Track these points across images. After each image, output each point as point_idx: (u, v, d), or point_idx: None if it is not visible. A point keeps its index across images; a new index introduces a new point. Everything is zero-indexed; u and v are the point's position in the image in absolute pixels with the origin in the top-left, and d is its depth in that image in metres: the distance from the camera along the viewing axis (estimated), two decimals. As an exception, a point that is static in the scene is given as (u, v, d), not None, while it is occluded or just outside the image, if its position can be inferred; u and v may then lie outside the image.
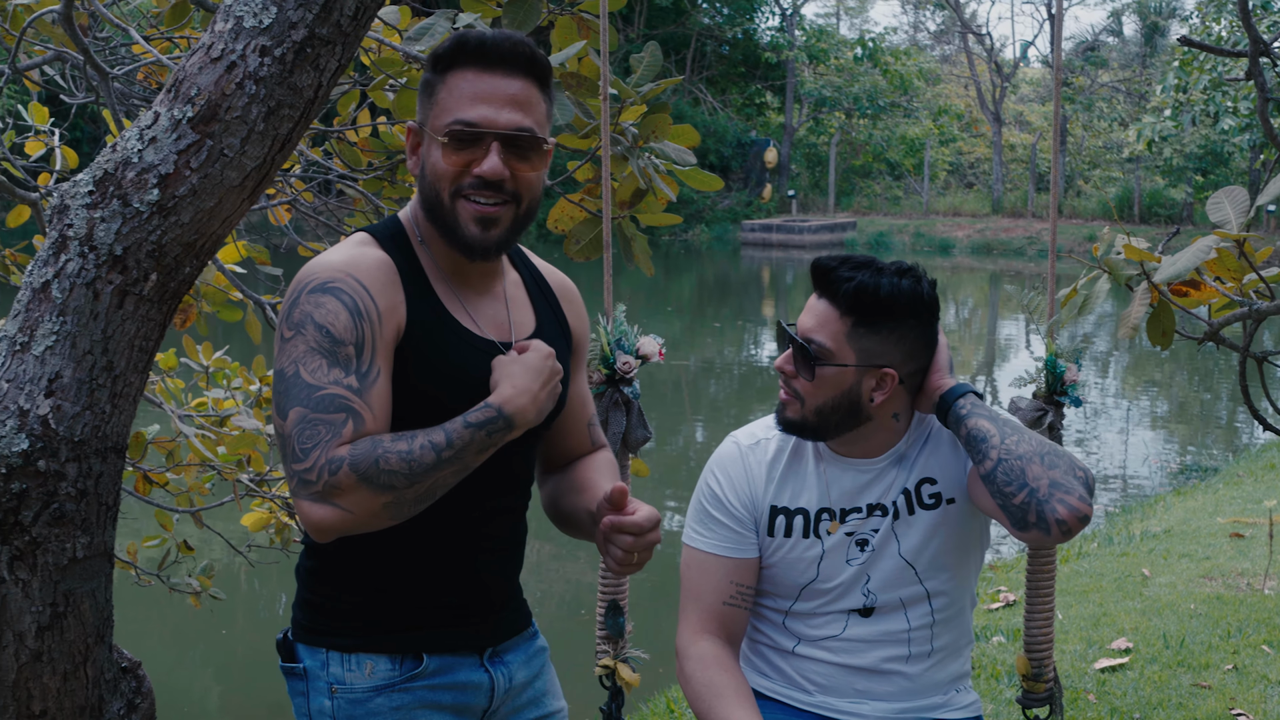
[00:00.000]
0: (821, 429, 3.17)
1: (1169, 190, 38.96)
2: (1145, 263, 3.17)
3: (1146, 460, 13.69)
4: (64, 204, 2.46)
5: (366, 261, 2.53)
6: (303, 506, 2.38)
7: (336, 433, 2.38)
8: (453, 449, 2.41)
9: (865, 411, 3.15)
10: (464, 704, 2.71)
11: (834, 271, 3.10)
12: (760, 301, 29.91)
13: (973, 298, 30.50)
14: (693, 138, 3.90)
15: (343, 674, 2.63)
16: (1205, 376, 19.90)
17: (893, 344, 3.12)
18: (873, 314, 3.08)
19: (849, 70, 46.66)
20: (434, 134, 2.54)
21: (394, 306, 2.51)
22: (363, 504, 2.37)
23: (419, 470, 2.39)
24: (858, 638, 3.27)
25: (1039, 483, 2.94)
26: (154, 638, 8.21)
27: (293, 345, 2.44)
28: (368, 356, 2.44)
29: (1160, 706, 5.70)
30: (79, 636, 2.55)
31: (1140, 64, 46.77)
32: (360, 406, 2.41)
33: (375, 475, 2.36)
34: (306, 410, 2.39)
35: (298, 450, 2.38)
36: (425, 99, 2.58)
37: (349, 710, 2.62)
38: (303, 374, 2.41)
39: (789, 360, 3.14)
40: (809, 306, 3.16)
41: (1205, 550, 8.56)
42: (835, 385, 3.11)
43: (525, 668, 2.83)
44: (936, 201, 44.13)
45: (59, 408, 2.43)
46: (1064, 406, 3.54)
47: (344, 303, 2.45)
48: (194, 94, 2.44)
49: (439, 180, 2.55)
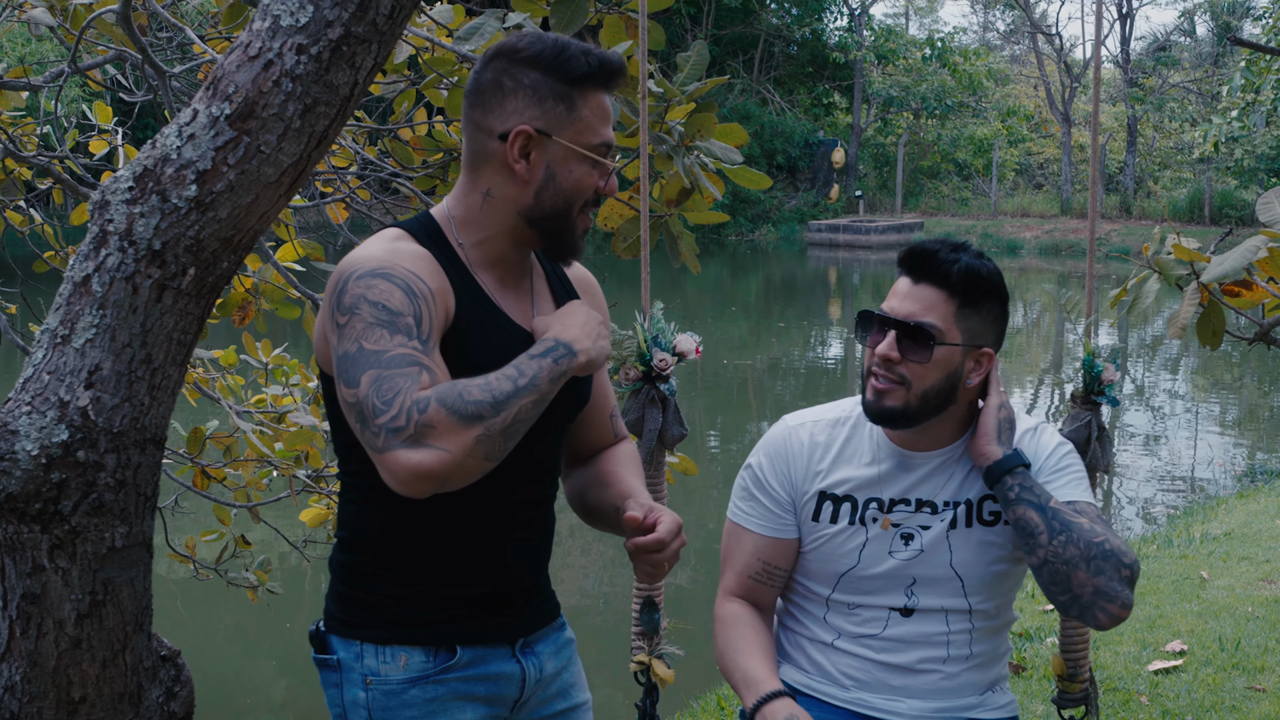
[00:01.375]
0: (920, 414, 3.19)
1: (1240, 191, 38.55)
2: (1195, 263, 3.16)
3: (1211, 463, 13.57)
4: (105, 199, 2.51)
5: (408, 252, 2.54)
6: (397, 458, 2.32)
7: (415, 381, 2.36)
8: (525, 377, 2.42)
9: (956, 395, 3.21)
10: (496, 694, 2.73)
11: (937, 255, 3.17)
12: (827, 302, 29.83)
13: (1040, 299, 30.30)
14: (740, 136, 3.90)
15: (377, 666, 2.65)
16: (1275, 379, 19.70)
17: (990, 323, 3.22)
18: (976, 294, 3.17)
19: (917, 70, 46.45)
20: (580, 150, 2.58)
21: (443, 290, 2.53)
22: (457, 439, 2.32)
23: (501, 398, 2.37)
24: (897, 637, 3.28)
25: (1083, 590, 3.05)
26: (214, 633, 8.29)
27: (350, 327, 2.42)
28: (426, 328, 2.44)
29: (1213, 709, 5.67)
30: (118, 624, 2.59)
31: (1212, 64, 46.30)
32: (429, 363, 2.41)
33: (461, 405, 2.33)
34: (379, 370, 2.37)
35: (378, 404, 2.34)
36: (561, 109, 2.56)
37: (384, 701, 2.64)
38: (366, 346, 2.39)
39: (894, 346, 3.15)
40: (905, 293, 3.20)
41: (1265, 553, 8.49)
42: (944, 367, 3.16)
43: (555, 658, 2.86)
44: (1004, 202, 43.87)
45: (98, 399, 2.47)
46: (1101, 406, 3.52)
47: (395, 283, 2.45)
48: (232, 91, 2.48)
49: (577, 194, 2.60)
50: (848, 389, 18.58)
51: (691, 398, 15.97)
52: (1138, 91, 42.95)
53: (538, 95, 2.56)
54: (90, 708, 2.61)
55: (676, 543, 2.63)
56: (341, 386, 2.42)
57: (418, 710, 2.65)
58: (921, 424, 3.22)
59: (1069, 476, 3.26)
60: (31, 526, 2.48)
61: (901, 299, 3.19)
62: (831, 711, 3.31)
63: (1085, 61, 47.15)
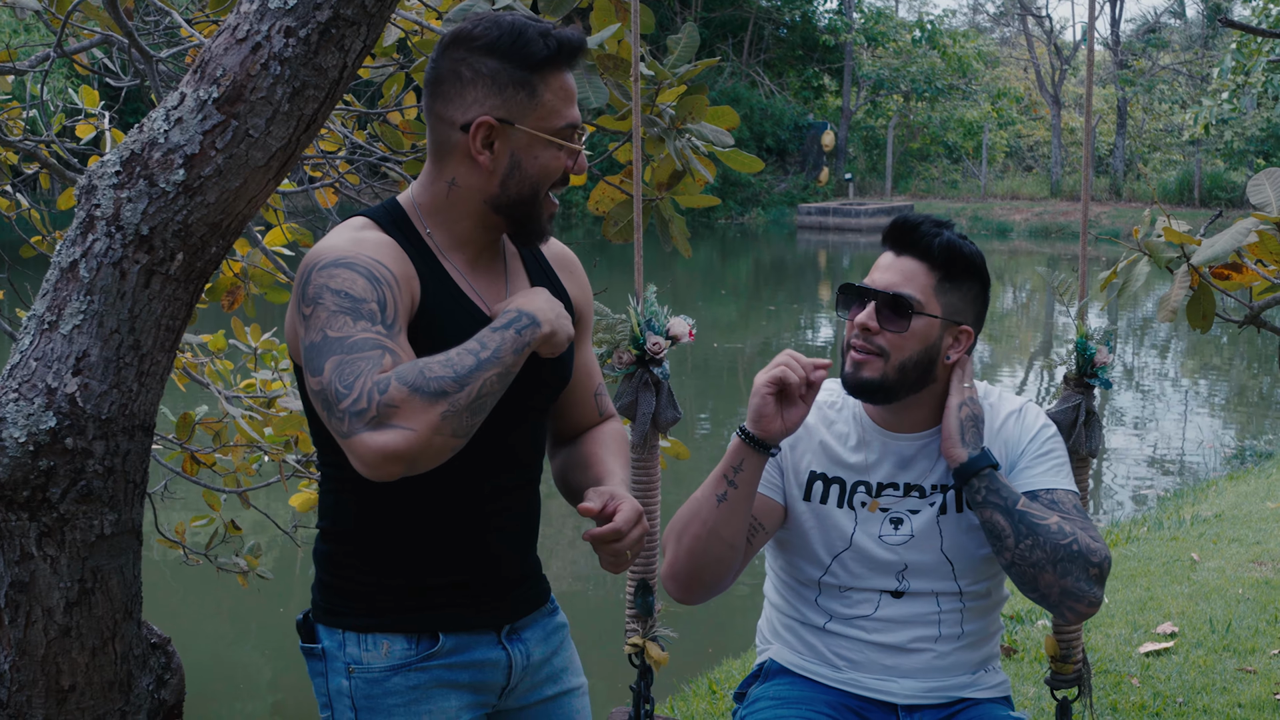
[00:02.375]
0: (897, 388, 3.20)
1: (1229, 173, 38.57)
2: (1185, 245, 3.16)
3: (1201, 444, 13.59)
4: (92, 184, 2.49)
5: (372, 240, 2.53)
6: (363, 441, 2.29)
7: (376, 364, 2.34)
8: (487, 350, 2.40)
9: (935, 371, 3.23)
10: (482, 682, 2.73)
11: (919, 228, 3.21)
12: (816, 285, 29.82)
13: (1030, 281, 30.31)
14: (732, 119, 3.89)
15: (360, 654, 2.65)
16: (1265, 361, 19.72)
17: (969, 301, 3.25)
18: (956, 268, 3.21)
19: (907, 53, 46.44)
20: (544, 135, 2.56)
21: (408, 277, 2.52)
22: (421, 417, 2.30)
23: (464, 372, 2.35)
24: (888, 617, 3.29)
25: (1050, 590, 3.13)
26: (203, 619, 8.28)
27: (314, 317, 2.41)
28: (391, 313, 2.43)
29: (1204, 691, 5.67)
30: (107, 612, 2.58)
31: (1202, 46, 46.31)
32: (393, 346, 2.39)
33: (423, 383, 2.31)
34: (341, 355, 2.36)
35: (340, 388, 2.33)
36: (522, 96, 2.55)
37: (366, 689, 2.64)
38: (330, 334, 2.38)
39: (873, 315, 3.17)
40: (887, 265, 3.24)
41: (1256, 535, 8.50)
42: (922, 338, 3.18)
43: (543, 644, 2.85)
44: (994, 185, 43.85)
45: (86, 386, 2.46)
46: (1094, 389, 3.52)
47: (358, 271, 2.44)
48: (219, 75, 2.46)
49: (544, 179, 2.60)
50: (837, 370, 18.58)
51: (681, 381, 15.97)
52: (1128, 74, 42.96)
53: (497, 84, 2.54)
54: (80, 696, 2.59)
55: (635, 531, 2.61)
56: (308, 375, 2.41)
57: (401, 698, 2.64)
58: (901, 399, 3.23)
59: (1050, 463, 3.28)
60: (19, 514, 2.47)
61: (883, 271, 3.23)
62: (825, 692, 3.32)
63: (1075, 44, 47.17)
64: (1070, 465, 3.37)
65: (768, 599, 3.52)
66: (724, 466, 3.14)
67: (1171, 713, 5.47)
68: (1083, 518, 3.21)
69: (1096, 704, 5.47)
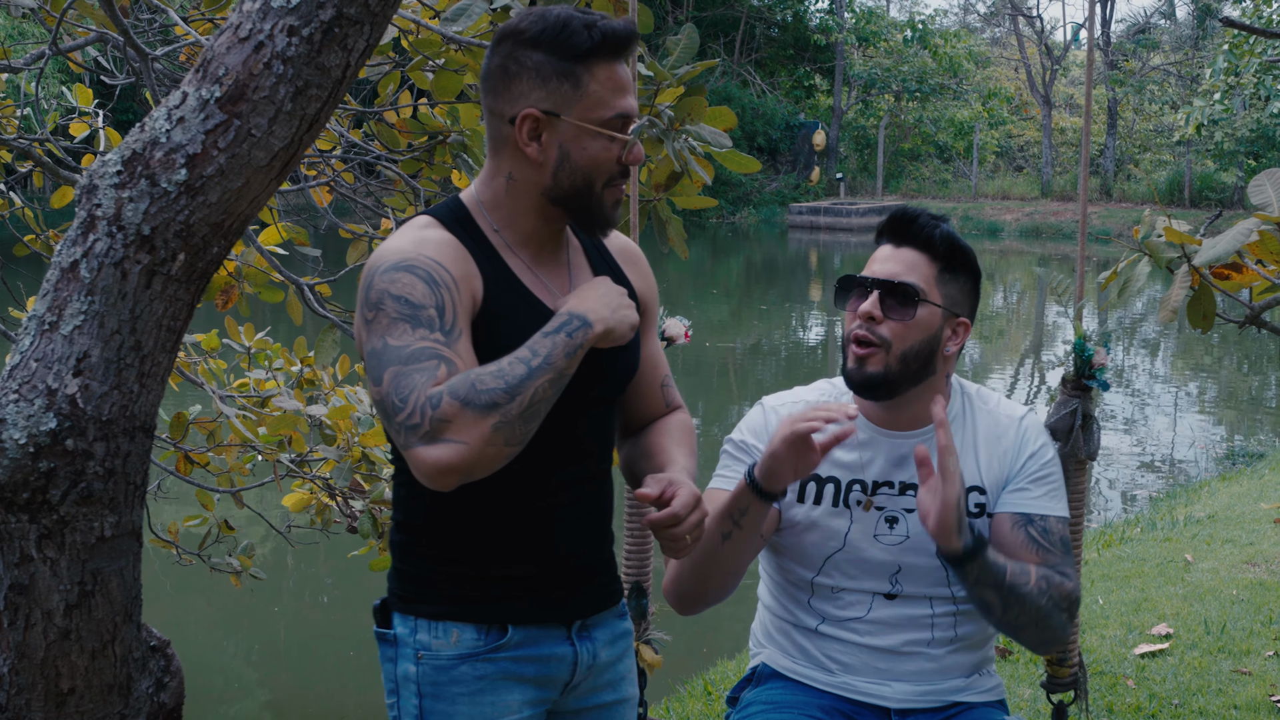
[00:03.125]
0: (900, 381, 3.19)
1: (1220, 174, 38.62)
2: (1186, 245, 3.15)
3: (1193, 445, 13.60)
4: (93, 184, 2.47)
5: (434, 239, 2.57)
6: (418, 455, 2.37)
7: (431, 375, 2.40)
8: (539, 357, 2.43)
9: (934, 364, 3.23)
10: (546, 676, 2.73)
11: (918, 219, 3.24)
12: (808, 284, 29.83)
13: (1021, 281, 30.34)
14: (729, 120, 3.88)
15: (429, 640, 2.68)
16: (1255, 362, 19.76)
17: (967, 294, 3.27)
18: (955, 260, 3.23)
19: (898, 53, 46.47)
20: (591, 126, 2.57)
21: (468, 276, 2.56)
22: (472, 430, 2.36)
23: (514, 382, 2.39)
24: (881, 620, 3.28)
25: (1029, 640, 3.24)
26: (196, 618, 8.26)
27: (376, 323, 2.47)
28: (450, 317, 2.48)
29: (1200, 693, 5.67)
30: (107, 615, 2.57)
31: (1192, 46, 46.33)
32: (450, 355, 2.44)
33: (474, 396, 2.36)
34: (399, 366, 2.41)
35: (396, 402, 2.39)
36: (566, 88, 2.56)
37: (433, 676, 2.67)
38: (390, 342, 2.44)
39: (877, 304, 3.16)
40: (887, 256, 3.25)
41: (1249, 536, 8.50)
42: (925, 328, 3.18)
43: (610, 647, 2.85)
44: (985, 185, 43.91)
45: (87, 387, 2.44)
46: (1092, 391, 3.52)
47: (418, 275, 2.49)
48: (222, 74, 2.45)
49: (598, 170, 2.60)
50: (829, 371, 18.59)
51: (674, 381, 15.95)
52: (1118, 74, 43.01)
53: (541, 76, 2.56)
54: (79, 699, 2.58)
55: (695, 515, 2.60)
56: (370, 383, 2.48)
57: (466, 687, 2.67)
58: (902, 393, 3.21)
59: (1047, 487, 3.28)
60: (19, 516, 2.45)
61: (883, 262, 3.23)
62: (818, 696, 3.31)
63: (1065, 44, 47.19)
64: (1066, 485, 3.38)
65: (761, 601, 3.51)
66: (729, 506, 3.09)
67: (1167, 714, 5.47)
68: (1065, 553, 3.25)
69: (1092, 705, 5.47)
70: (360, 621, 8.36)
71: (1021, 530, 3.23)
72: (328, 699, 7.42)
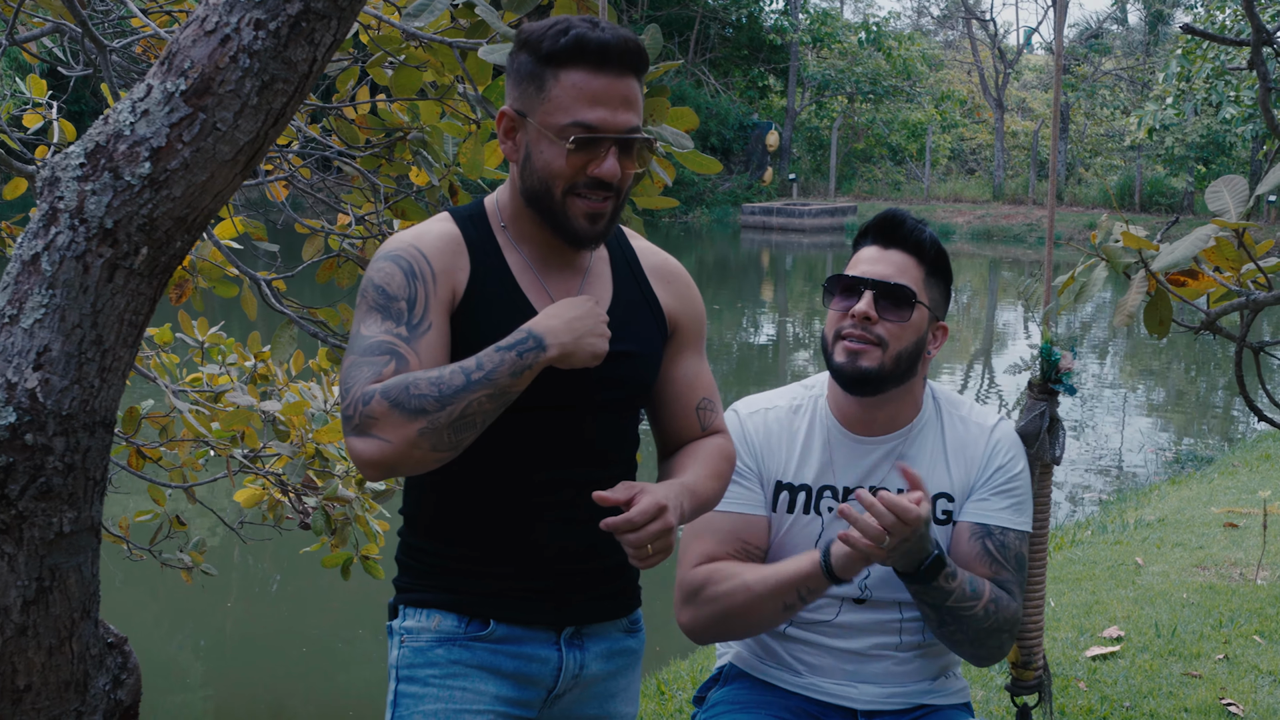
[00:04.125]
0: (889, 379, 3.22)
1: (1170, 179, 38.88)
2: (1143, 251, 3.16)
3: (1142, 449, 13.69)
4: (55, 176, 2.45)
5: (433, 232, 2.64)
6: (348, 444, 2.45)
7: (376, 371, 2.46)
8: (482, 370, 2.43)
9: (917, 366, 3.26)
10: (527, 675, 2.71)
11: (906, 223, 3.26)
12: (759, 285, 29.90)
13: (972, 284, 30.47)
14: (691, 120, 3.87)
15: (413, 625, 2.71)
16: (1202, 366, 19.90)
17: (945, 299, 3.33)
18: (939, 265, 3.28)
19: (852, 54, 46.63)
20: (547, 131, 2.55)
21: (451, 270, 2.60)
22: (397, 431, 2.40)
23: (448, 392, 2.41)
24: (850, 624, 3.28)
25: (964, 653, 3.28)
26: (144, 612, 8.21)
27: (358, 309, 2.57)
28: (420, 310, 2.53)
29: (1151, 695, 5.70)
30: (65, 611, 2.54)
31: (1144, 52, 46.65)
32: (405, 350, 2.49)
33: (405, 400, 2.40)
34: (355, 357, 2.50)
35: (342, 391, 2.47)
36: (532, 90, 2.57)
37: (410, 658, 2.69)
38: (361, 330, 2.53)
39: (872, 305, 3.18)
40: (876, 258, 3.26)
41: (1199, 540, 8.56)
42: (917, 329, 3.22)
43: (605, 661, 2.81)
44: (937, 187, 44.09)
45: (47, 381, 2.41)
46: (1059, 395, 3.53)
47: (400, 265, 2.56)
48: (187, 67, 2.43)
49: (553, 178, 2.57)
50: (779, 370, 18.63)
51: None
52: (1071, 78, 43.25)
53: (519, 77, 2.60)
54: (35, 696, 2.55)
55: (655, 525, 2.51)
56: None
57: (439, 670, 2.67)
58: (886, 391, 3.23)
59: (1010, 500, 3.30)
60: (-24, 510, 2.43)
61: (872, 263, 3.24)
62: (785, 697, 3.31)
63: (1018, 49, 47.42)
64: (1033, 497, 3.39)
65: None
66: (797, 581, 3.13)
67: (1118, 717, 5.49)
68: (1017, 570, 3.28)
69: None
70: (312, 618, 8.34)
71: (979, 542, 3.24)
72: (277, 695, 7.39)
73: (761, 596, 3.15)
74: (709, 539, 3.27)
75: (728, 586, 3.19)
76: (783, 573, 3.14)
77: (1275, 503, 7.79)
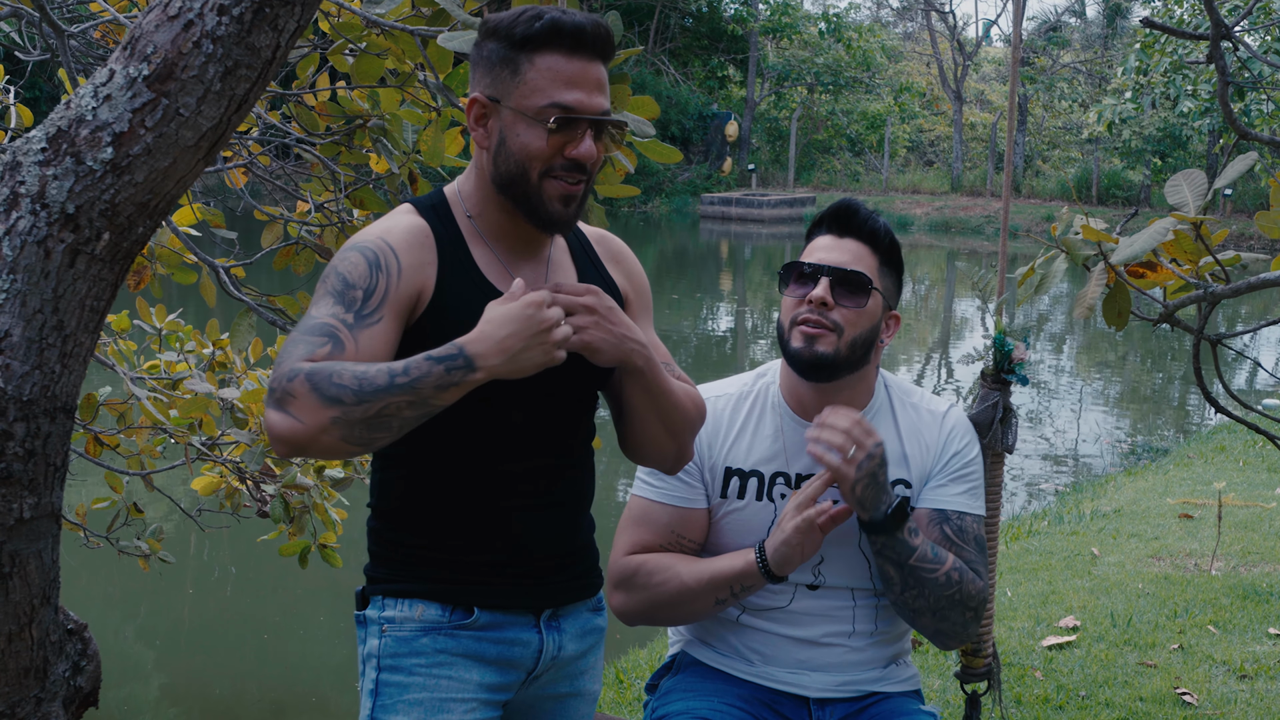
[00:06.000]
0: (844, 366, 3.24)
1: (1127, 172, 39.10)
2: (1103, 243, 3.18)
3: (1098, 440, 13.76)
4: (16, 160, 2.44)
5: (401, 226, 2.62)
6: (266, 415, 2.42)
7: (310, 350, 2.44)
8: (408, 376, 2.40)
9: (870, 354, 3.29)
10: (509, 659, 2.73)
11: (860, 212, 3.31)
12: (718, 275, 29.91)
13: (930, 275, 30.56)
14: (652, 109, 3.87)
15: (395, 615, 2.70)
16: (1158, 358, 20.01)
17: (897, 288, 3.36)
18: (893, 255, 3.33)
19: (812, 45, 46.68)
20: (524, 113, 2.56)
21: (419, 265, 2.58)
22: (310, 414, 2.38)
23: (368, 389, 2.38)
24: (803, 610, 3.30)
25: (926, 629, 3.29)
26: (101, 600, 8.17)
27: (317, 290, 2.55)
28: (375, 302, 2.51)
29: (1106, 684, 5.74)
30: (24, 598, 2.53)
31: (1102, 45, 46.83)
32: (345, 337, 2.47)
33: (325, 386, 2.38)
34: (297, 334, 2.48)
35: (275, 363, 2.45)
36: (505, 74, 2.57)
37: (394, 648, 2.69)
38: (311, 310, 2.52)
39: (829, 291, 3.20)
40: (831, 246, 3.29)
41: (1154, 530, 8.62)
42: (871, 316, 3.25)
43: (578, 640, 2.85)
44: (896, 179, 44.20)
45: (7, 366, 2.41)
46: (1011, 385, 3.56)
47: (366, 257, 2.55)
48: (150, 52, 2.42)
49: (530, 160, 2.58)
50: (737, 360, 18.66)
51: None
52: (1029, 71, 43.40)
53: (489, 63, 2.59)
54: (-6, 682, 2.55)
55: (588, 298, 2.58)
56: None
57: (425, 660, 2.68)
58: (840, 378, 3.24)
59: (966, 485, 3.33)
60: (-65, 496, 2.42)
61: (828, 251, 3.26)
62: (739, 685, 3.33)
63: (977, 41, 47.56)
64: (984, 484, 3.42)
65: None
66: (730, 577, 3.21)
67: (1074, 706, 5.53)
68: (979, 551, 3.31)
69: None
70: (270, 606, 8.33)
71: (937, 528, 3.27)
72: (235, 682, 7.36)
73: (694, 590, 3.23)
74: (644, 528, 3.34)
75: (660, 577, 3.27)
76: (717, 568, 3.21)
77: (1229, 494, 7.85)
